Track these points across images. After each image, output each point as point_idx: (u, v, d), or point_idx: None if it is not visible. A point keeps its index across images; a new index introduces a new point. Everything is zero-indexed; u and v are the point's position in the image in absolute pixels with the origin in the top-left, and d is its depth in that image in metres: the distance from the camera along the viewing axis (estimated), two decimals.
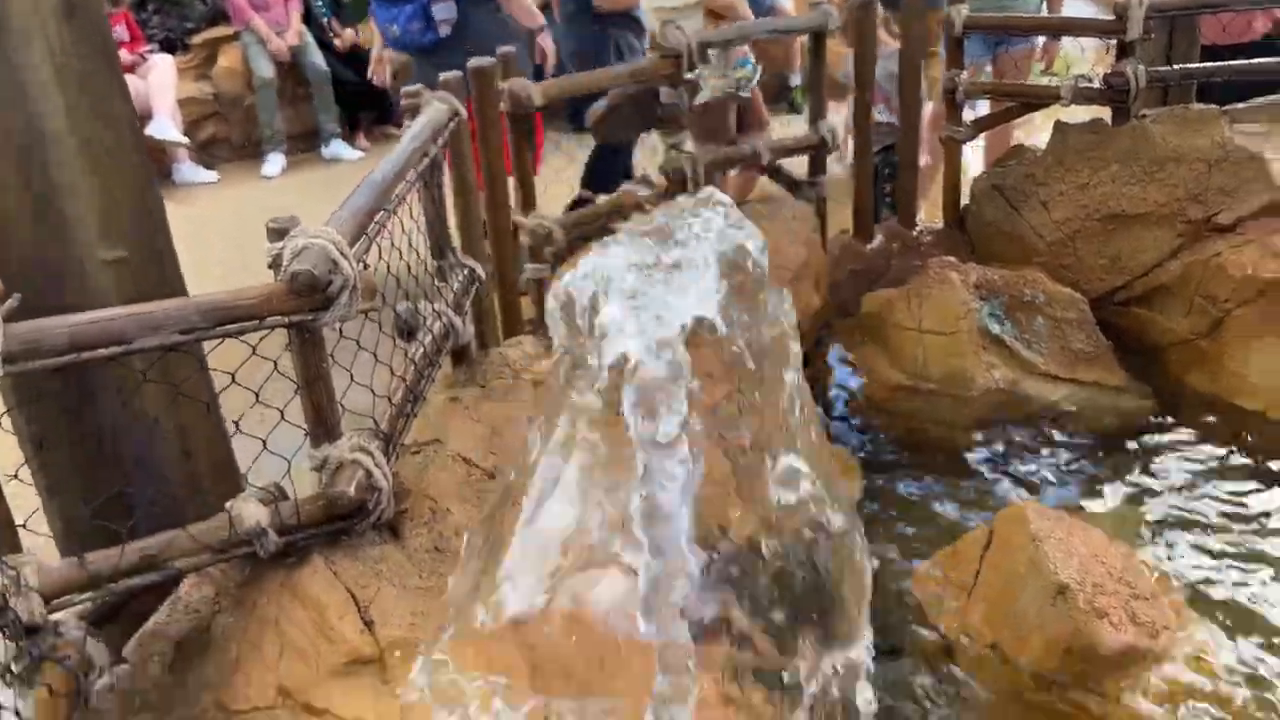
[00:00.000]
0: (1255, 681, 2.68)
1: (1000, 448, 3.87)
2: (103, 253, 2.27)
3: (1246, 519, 3.38)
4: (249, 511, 2.08)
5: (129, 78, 3.03)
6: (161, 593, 2.22)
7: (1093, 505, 3.47)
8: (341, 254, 2.00)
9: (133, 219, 2.37)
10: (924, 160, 5.90)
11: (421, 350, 2.62)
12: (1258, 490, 3.52)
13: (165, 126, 8.36)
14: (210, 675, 2.15)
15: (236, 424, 2.13)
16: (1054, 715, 2.62)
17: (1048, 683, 2.67)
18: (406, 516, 2.37)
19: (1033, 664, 2.69)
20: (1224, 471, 3.63)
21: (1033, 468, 3.74)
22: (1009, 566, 2.83)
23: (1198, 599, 3.01)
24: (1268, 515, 3.38)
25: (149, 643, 2.18)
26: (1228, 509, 3.44)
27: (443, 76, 3.09)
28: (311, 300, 2.00)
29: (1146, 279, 4.33)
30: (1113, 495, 3.53)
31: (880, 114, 5.70)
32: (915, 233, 5.02)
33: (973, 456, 3.84)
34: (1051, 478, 3.68)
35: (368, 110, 9.68)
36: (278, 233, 2.04)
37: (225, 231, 7.22)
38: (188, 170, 8.84)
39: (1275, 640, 2.83)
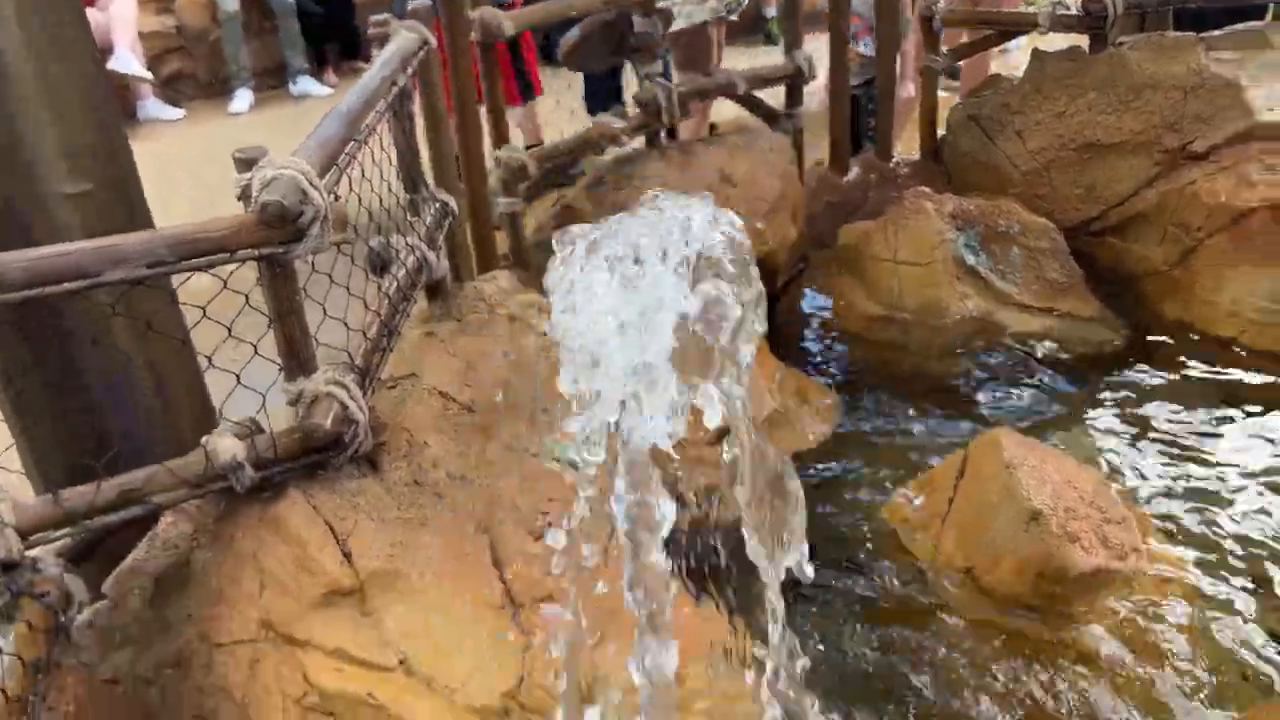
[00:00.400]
0: (1222, 601, 2.74)
1: (974, 377, 3.90)
2: (66, 187, 2.22)
3: (1215, 445, 3.43)
4: (225, 446, 2.07)
5: (88, 11, 2.94)
6: (139, 529, 2.22)
7: (1065, 432, 3.51)
8: (311, 184, 1.97)
9: (96, 152, 2.32)
10: (909, 91, 5.85)
11: (395, 285, 2.59)
12: (1226, 417, 3.57)
13: (127, 60, 8.16)
14: (191, 609, 2.15)
15: (209, 359, 2.11)
16: (1025, 637, 2.67)
17: (1020, 606, 2.72)
18: (384, 450, 2.37)
19: (1005, 588, 2.74)
20: (1194, 399, 3.67)
21: (1006, 396, 3.78)
22: (982, 493, 2.86)
23: (1167, 522, 3.06)
24: (1235, 441, 3.44)
25: (128, 579, 2.18)
26: (1197, 436, 3.48)
27: (411, 4, 3.02)
28: (282, 232, 1.97)
29: (1121, 208, 4.33)
30: (1085, 423, 3.58)
31: (864, 47, 5.63)
32: (892, 164, 5.00)
33: (947, 386, 3.87)
34: (1025, 406, 3.72)
35: (334, 43, 9.48)
36: (245, 163, 2.00)
37: (192, 169, 7.09)
38: (152, 107, 8.65)
39: (1241, 561, 2.89)
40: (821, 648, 2.70)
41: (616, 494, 1.82)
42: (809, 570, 2.11)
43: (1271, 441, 3.39)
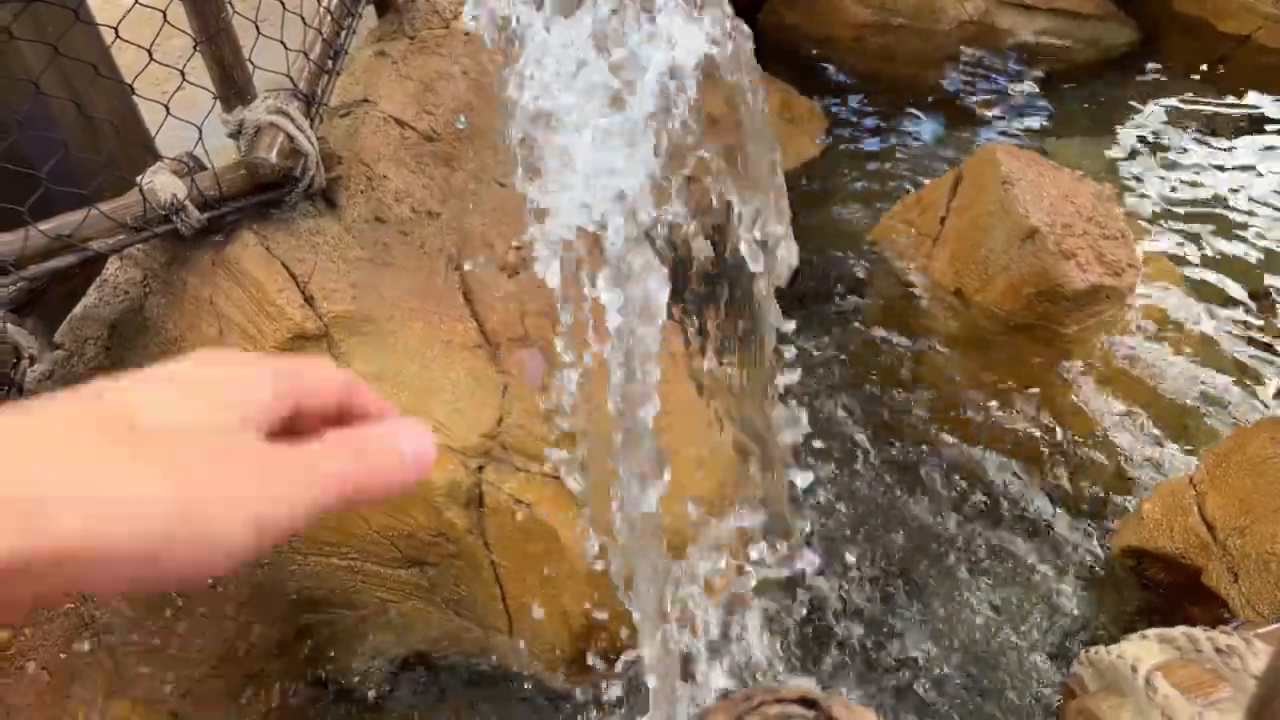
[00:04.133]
0: (1217, 319, 2.68)
1: (971, 87, 3.68)
2: None
3: (1221, 155, 3.28)
4: (162, 183, 1.89)
5: None
6: (90, 275, 2.08)
7: (1065, 143, 3.34)
8: None
9: None
10: None
11: None
12: (1232, 124, 3.39)
13: None
14: (151, 358, 2.05)
15: (131, 87, 1.88)
16: (1017, 355, 2.62)
17: (1012, 326, 2.66)
18: (341, 185, 2.19)
19: (998, 308, 2.67)
20: (1202, 104, 3.48)
21: (1004, 107, 3.57)
22: (977, 210, 2.73)
23: (1166, 236, 2.96)
24: (1243, 151, 3.28)
25: (81, 326, 2.06)
26: (1203, 144, 3.32)
27: None
28: None
29: None
30: (1086, 132, 3.40)
31: None
32: None
33: (942, 97, 3.65)
34: (1024, 115, 3.52)
35: None
36: None
37: None
38: None
39: (1239, 275, 2.81)
40: (811, 371, 2.66)
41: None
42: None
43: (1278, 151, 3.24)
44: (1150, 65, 3.66)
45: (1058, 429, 2.42)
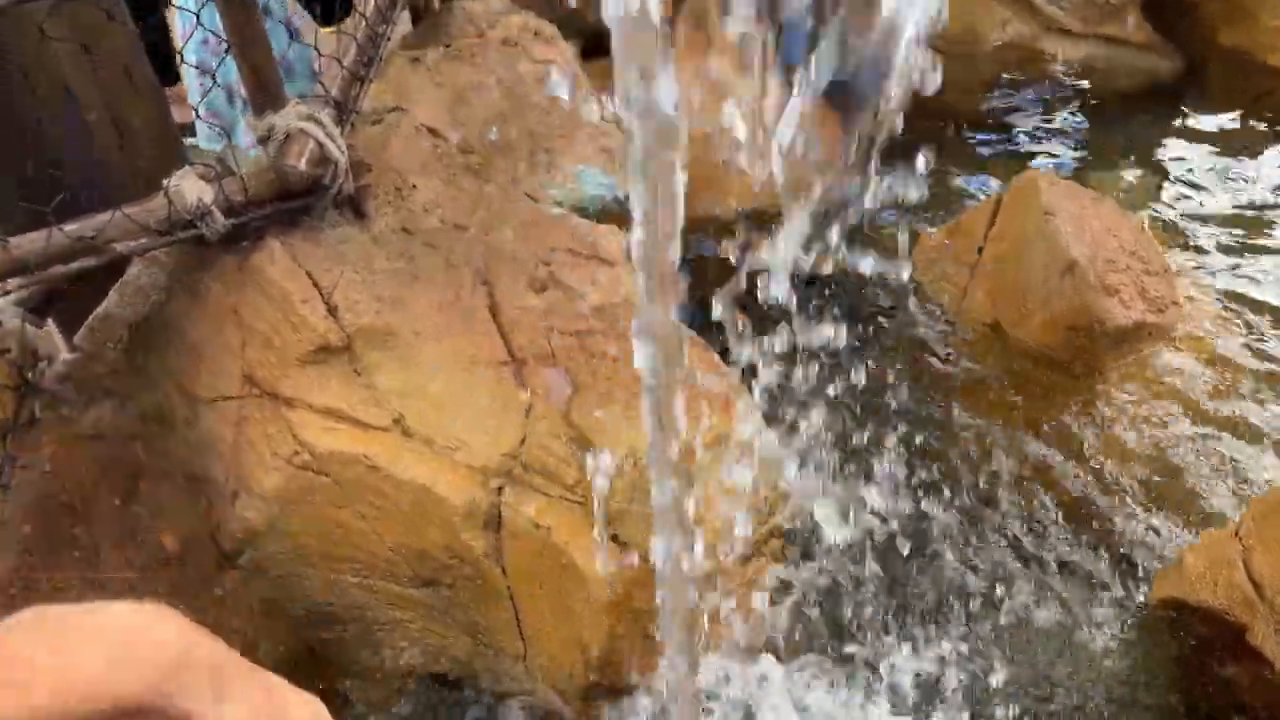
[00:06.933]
0: (1258, 354, 2.61)
1: (1013, 113, 3.61)
2: None
3: (1264, 189, 3.19)
4: (189, 187, 1.85)
5: None
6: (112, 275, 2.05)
7: (1107, 173, 3.27)
8: None
9: None
10: None
11: (372, 4, 2.29)
12: (1277, 158, 3.31)
13: None
14: (171, 362, 2.02)
15: (163, 90, 1.86)
16: (1052, 391, 2.56)
17: (1049, 361, 2.59)
18: (370, 194, 2.15)
19: (1035, 342, 2.60)
20: (1248, 137, 3.40)
21: (1046, 134, 3.51)
22: (1017, 241, 2.67)
23: (1206, 270, 2.88)
24: None
25: (101, 328, 2.03)
26: (1246, 177, 3.25)
27: None
28: None
29: None
30: (1129, 163, 3.33)
31: None
32: None
33: (982, 123, 3.58)
34: (1066, 143, 3.46)
35: None
36: None
37: None
38: None
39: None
40: (840, 399, 2.60)
41: None
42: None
43: None
44: (1195, 96, 3.59)
45: (1094, 470, 2.35)
